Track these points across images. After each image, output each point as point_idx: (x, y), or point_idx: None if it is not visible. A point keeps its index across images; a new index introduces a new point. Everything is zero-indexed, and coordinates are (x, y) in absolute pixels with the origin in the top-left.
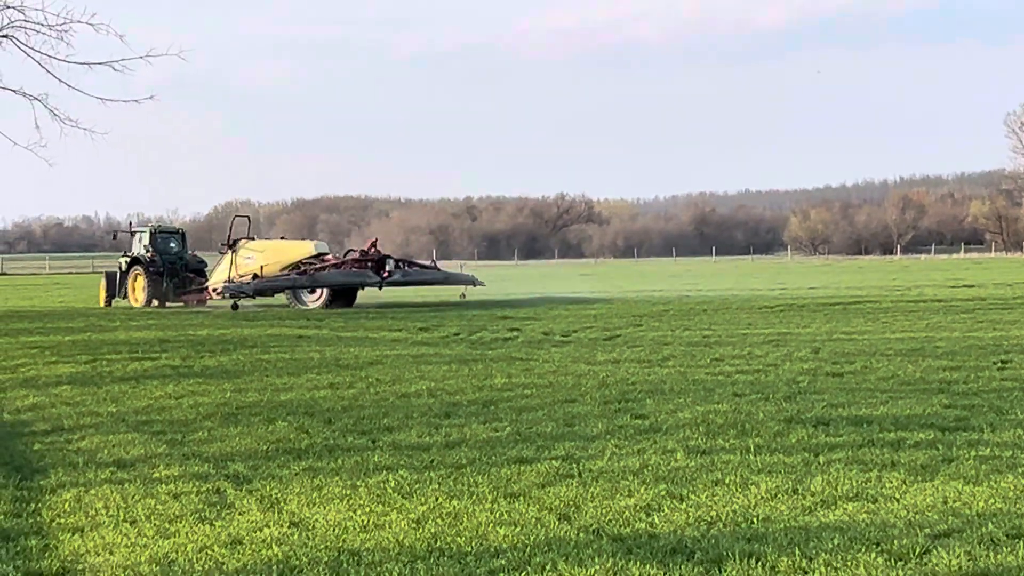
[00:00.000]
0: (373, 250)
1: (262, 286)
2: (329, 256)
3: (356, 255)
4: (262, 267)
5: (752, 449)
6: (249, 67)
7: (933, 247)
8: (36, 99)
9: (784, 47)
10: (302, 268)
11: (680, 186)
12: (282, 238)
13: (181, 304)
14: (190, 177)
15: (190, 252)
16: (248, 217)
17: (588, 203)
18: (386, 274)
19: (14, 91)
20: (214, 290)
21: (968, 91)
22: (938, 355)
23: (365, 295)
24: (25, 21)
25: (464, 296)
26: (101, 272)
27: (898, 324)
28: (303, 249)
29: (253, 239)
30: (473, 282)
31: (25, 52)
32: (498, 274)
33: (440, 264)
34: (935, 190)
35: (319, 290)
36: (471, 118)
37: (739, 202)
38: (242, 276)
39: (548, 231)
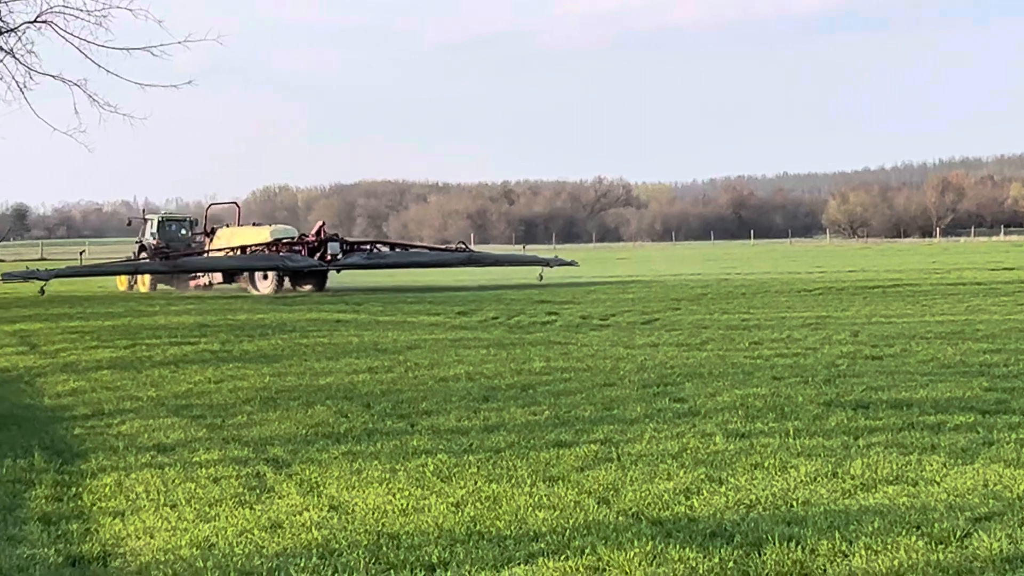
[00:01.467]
0: (322, 234)
1: (63, 273)
2: (285, 241)
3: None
4: (224, 251)
5: (791, 432)
6: (287, 53)
7: (973, 230)
8: (75, 85)
9: (822, 30)
10: (170, 252)
11: (718, 169)
12: (254, 224)
13: (193, 289)
14: (228, 162)
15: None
16: (236, 204)
17: (626, 187)
18: (329, 258)
19: (53, 77)
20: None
21: (1007, 73)
22: (978, 338)
23: (397, 280)
24: (64, 7)
25: (541, 277)
26: None
27: (938, 307)
28: (258, 235)
29: (227, 226)
30: (548, 263)
31: (64, 38)
32: None
33: (477, 248)
34: (974, 172)
35: (270, 275)
36: (509, 102)
37: (777, 185)
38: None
39: (586, 215)
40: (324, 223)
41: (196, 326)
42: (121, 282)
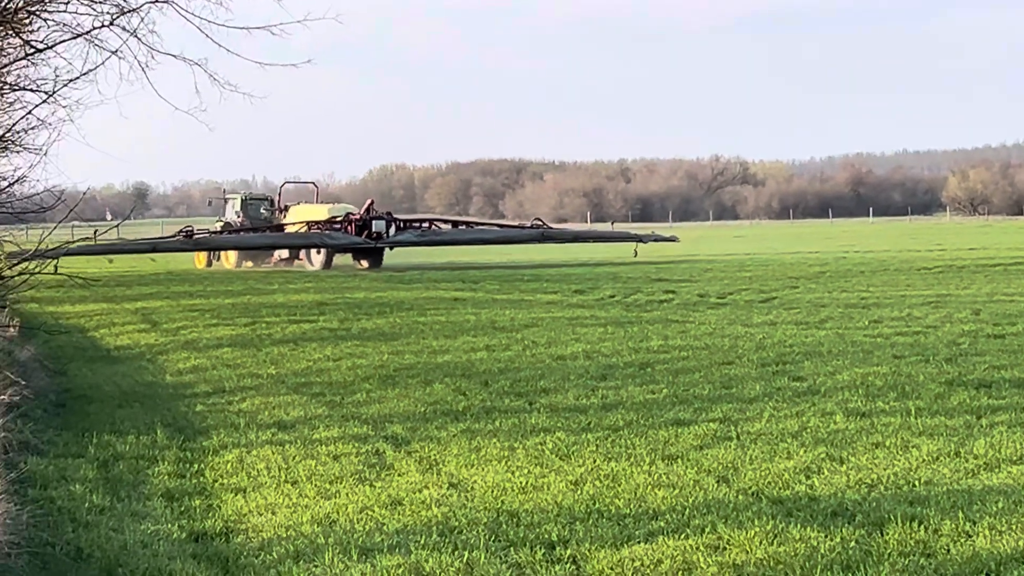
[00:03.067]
0: (371, 212)
1: (72, 251)
2: (338, 218)
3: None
4: (289, 227)
5: (913, 412)
6: (405, 31)
7: None
8: (196, 64)
9: (941, 5)
10: (190, 231)
11: (836, 147)
12: (320, 202)
13: (273, 265)
14: (346, 141)
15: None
16: (314, 183)
17: (743, 164)
18: (374, 236)
19: (175, 56)
20: None
21: None
22: None
23: (519, 257)
24: None
25: (636, 254)
26: None
27: None
28: (317, 212)
29: (299, 204)
30: (641, 239)
31: (185, 18)
32: None
33: (592, 226)
34: None
35: (323, 251)
36: (626, 80)
37: (896, 163)
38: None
39: (702, 193)
40: (373, 201)
41: (315, 304)
42: (199, 260)
